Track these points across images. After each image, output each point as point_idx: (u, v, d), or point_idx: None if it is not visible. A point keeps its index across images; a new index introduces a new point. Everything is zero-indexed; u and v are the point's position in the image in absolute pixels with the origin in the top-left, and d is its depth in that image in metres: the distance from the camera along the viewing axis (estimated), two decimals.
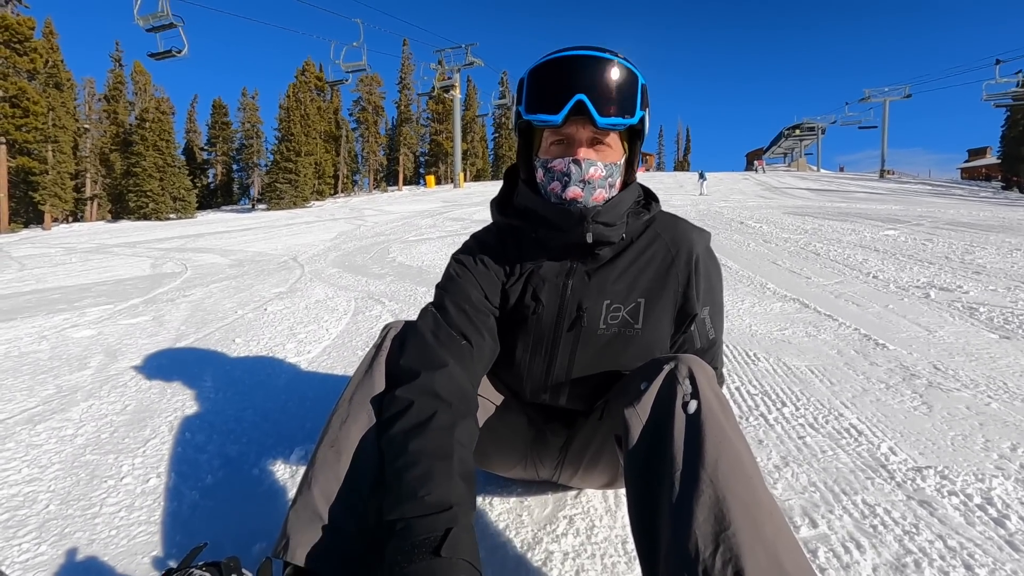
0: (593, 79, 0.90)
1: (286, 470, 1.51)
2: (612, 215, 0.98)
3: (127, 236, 13.89)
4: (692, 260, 1.02)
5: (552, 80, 0.92)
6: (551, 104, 0.91)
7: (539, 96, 0.93)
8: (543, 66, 0.94)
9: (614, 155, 0.98)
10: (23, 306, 4.20)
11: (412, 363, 0.90)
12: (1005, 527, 1.15)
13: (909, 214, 10.20)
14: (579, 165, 0.94)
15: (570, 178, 0.95)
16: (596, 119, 0.90)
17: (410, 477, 0.75)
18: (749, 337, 2.67)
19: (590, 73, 0.91)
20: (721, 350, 1.11)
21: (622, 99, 0.92)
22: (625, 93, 0.92)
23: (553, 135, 0.97)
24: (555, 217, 0.98)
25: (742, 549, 0.66)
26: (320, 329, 3.12)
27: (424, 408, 0.82)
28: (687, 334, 1.05)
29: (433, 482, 0.74)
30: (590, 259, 1.02)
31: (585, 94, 0.89)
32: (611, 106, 0.91)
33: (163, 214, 32.50)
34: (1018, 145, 34.65)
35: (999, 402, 1.80)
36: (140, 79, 39.78)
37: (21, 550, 1.16)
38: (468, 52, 36.82)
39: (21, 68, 27.39)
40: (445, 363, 0.89)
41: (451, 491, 0.74)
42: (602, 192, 0.97)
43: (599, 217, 0.97)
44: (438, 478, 0.74)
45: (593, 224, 0.96)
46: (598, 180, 0.96)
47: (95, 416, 1.90)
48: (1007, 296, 3.36)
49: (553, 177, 0.97)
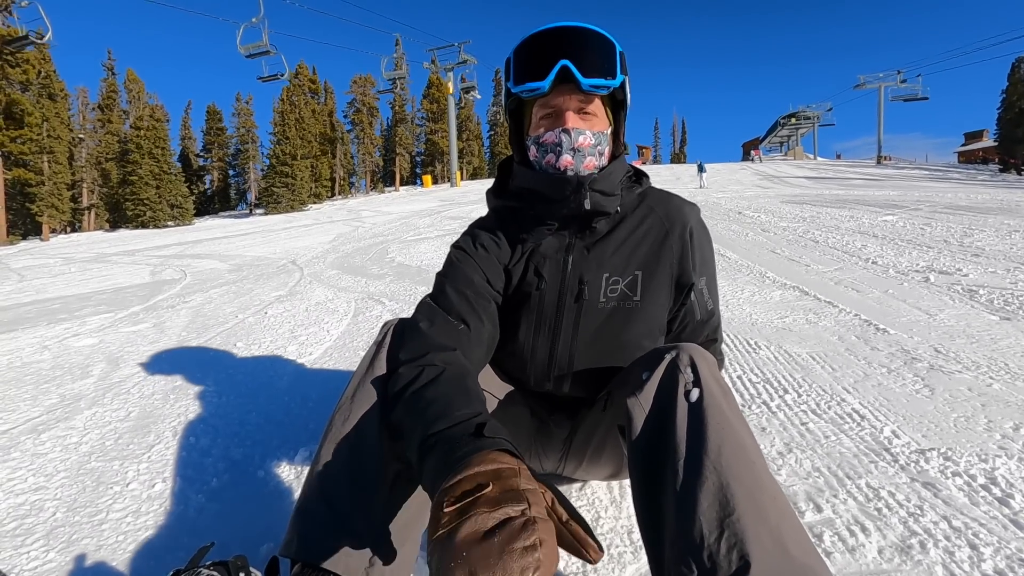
0: (574, 45, 0.96)
1: (291, 471, 1.51)
2: (607, 184, 1.01)
3: (126, 244, 13.88)
4: (686, 232, 1.06)
5: (536, 51, 0.97)
6: (537, 72, 0.96)
7: (525, 67, 0.98)
8: (526, 41, 0.99)
9: (601, 124, 1.01)
10: (24, 317, 4.20)
11: (412, 352, 0.90)
12: (1009, 506, 1.16)
13: (907, 199, 10.20)
14: (568, 134, 0.98)
15: (561, 147, 0.98)
16: (581, 81, 0.94)
17: (434, 410, 0.75)
18: (750, 326, 2.67)
19: (571, 41, 0.96)
20: (720, 321, 1.15)
21: (602, 62, 0.97)
22: (604, 57, 0.97)
23: (541, 110, 1.00)
24: (552, 187, 1.00)
25: (747, 534, 0.67)
26: (321, 331, 3.12)
27: (431, 371, 0.84)
28: (687, 305, 1.07)
29: (456, 404, 0.75)
30: (588, 233, 1.04)
31: (568, 59, 0.94)
32: (593, 70, 0.96)
33: (161, 222, 32.48)
34: (1014, 127, 34.63)
35: (1001, 383, 1.80)
36: (133, 87, 39.77)
37: (30, 558, 1.17)
38: (461, 50, 36.76)
39: (14, 79, 27.34)
40: (445, 347, 0.90)
41: (477, 408, 0.75)
42: (592, 160, 1.00)
43: (595, 185, 0.99)
44: (461, 403, 0.76)
45: (591, 192, 0.99)
46: (587, 148, 0.99)
47: (99, 423, 1.90)
48: (1006, 278, 3.36)
49: (546, 150, 1.00)
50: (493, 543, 0.51)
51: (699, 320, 1.09)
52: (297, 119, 38.32)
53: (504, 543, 0.51)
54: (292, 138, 36.98)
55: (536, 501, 0.56)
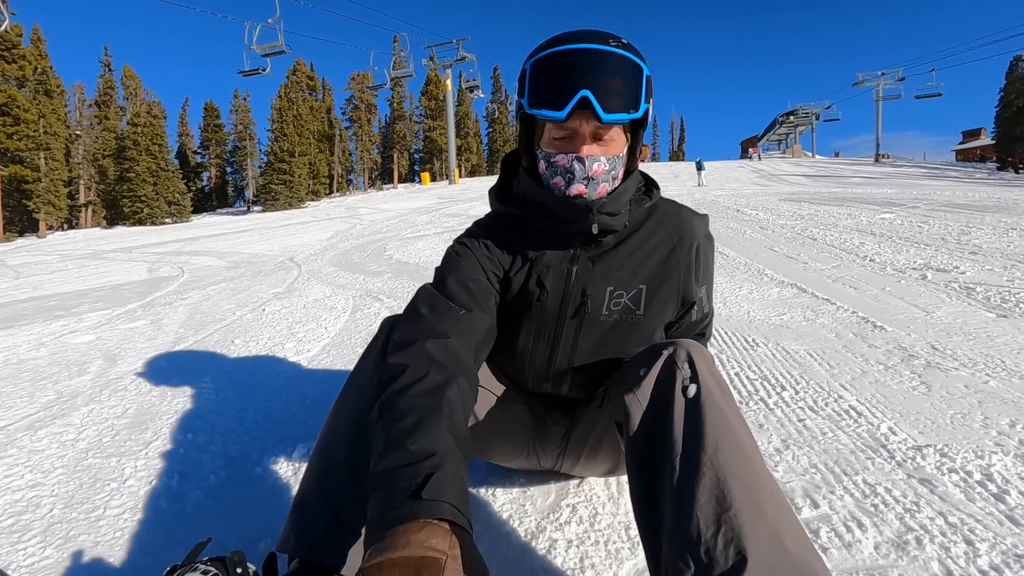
0: (597, 74, 0.87)
1: (289, 468, 1.51)
2: (616, 205, 0.98)
3: (123, 241, 13.85)
4: (694, 248, 1.04)
5: (555, 74, 0.89)
6: (554, 99, 0.88)
7: (542, 90, 0.90)
8: (546, 59, 0.91)
9: (617, 147, 0.96)
10: (20, 314, 4.19)
11: (407, 334, 0.87)
12: (1005, 502, 1.16)
13: (905, 197, 10.21)
14: (582, 163, 0.93)
15: (574, 176, 0.94)
16: (600, 115, 0.88)
17: (396, 431, 0.71)
18: (748, 323, 2.67)
19: (594, 67, 0.88)
20: (713, 317, 1.16)
21: (627, 93, 0.89)
22: (630, 87, 0.89)
23: (556, 128, 0.94)
24: (559, 209, 0.97)
25: (744, 529, 0.67)
26: (319, 328, 3.12)
27: (417, 370, 0.79)
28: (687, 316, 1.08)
29: (418, 433, 0.70)
30: (593, 246, 1.02)
31: (589, 90, 0.86)
32: (616, 101, 0.88)
33: (158, 219, 32.41)
34: (1012, 125, 34.66)
35: (997, 380, 1.81)
36: (130, 83, 39.60)
37: (26, 554, 1.16)
38: (459, 47, 36.67)
39: (10, 76, 27.25)
40: (441, 333, 0.87)
41: (436, 440, 0.69)
42: (605, 186, 0.97)
43: (604, 208, 0.96)
44: (424, 429, 0.70)
45: (599, 216, 0.96)
46: (601, 175, 0.95)
47: (96, 420, 1.90)
48: (1003, 275, 3.37)
49: (556, 172, 0.96)
50: None
51: (694, 321, 1.10)
52: (295, 116, 38.19)
53: None
54: (290, 135, 36.88)
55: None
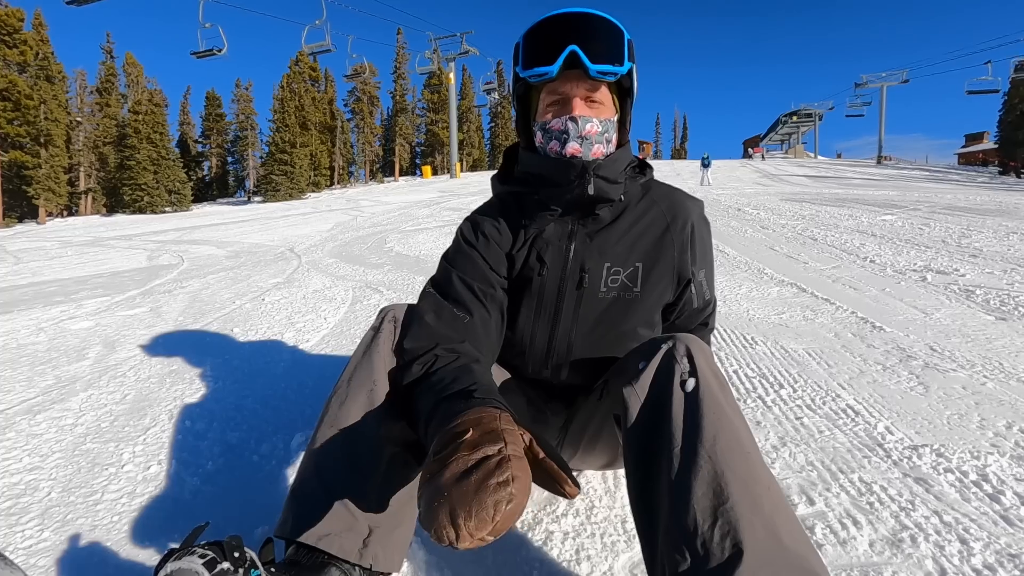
0: (582, 31, 0.96)
1: (287, 455, 1.51)
2: (612, 170, 1.01)
3: (123, 229, 13.82)
4: (688, 227, 1.07)
5: (545, 36, 0.97)
6: (545, 57, 0.95)
7: (534, 52, 0.98)
8: (536, 26, 0.99)
9: (607, 111, 1.01)
10: (20, 299, 4.18)
11: (420, 343, 0.91)
12: (1000, 502, 1.16)
13: (906, 199, 10.20)
14: (576, 122, 0.97)
15: (568, 135, 0.98)
16: (588, 67, 0.94)
17: (440, 387, 0.80)
18: (747, 321, 2.68)
19: (579, 27, 0.96)
20: (716, 307, 1.18)
21: (611, 49, 0.97)
22: (613, 43, 0.98)
23: (549, 96, 1.00)
24: (556, 172, 1.00)
25: (740, 523, 0.67)
26: (318, 318, 3.12)
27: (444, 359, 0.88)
28: (686, 296, 1.10)
29: (463, 379, 0.80)
30: (591, 221, 1.05)
31: (576, 44, 0.94)
32: (601, 56, 0.95)
33: (158, 207, 32.35)
34: (1015, 129, 34.64)
35: (995, 382, 1.81)
36: (132, 71, 39.42)
37: (24, 536, 1.17)
38: (463, 40, 36.51)
39: (11, 61, 27.12)
40: (452, 339, 0.92)
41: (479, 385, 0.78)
42: (600, 147, 1.00)
43: (600, 171, 0.99)
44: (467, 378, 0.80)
45: (595, 178, 0.99)
46: (595, 135, 0.98)
47: (95, 406, 1.90)
48: (1003, 278, 3.37)
49: (552, 136, 1.00)
50: (470, 481, 0.55)
51: (696, 308, 1.11)
52: (297, 107, 38.09)
53: (480, 480, 0.55)
54: (292, 126, 36.79)
55: (513, 440, 0.61)
